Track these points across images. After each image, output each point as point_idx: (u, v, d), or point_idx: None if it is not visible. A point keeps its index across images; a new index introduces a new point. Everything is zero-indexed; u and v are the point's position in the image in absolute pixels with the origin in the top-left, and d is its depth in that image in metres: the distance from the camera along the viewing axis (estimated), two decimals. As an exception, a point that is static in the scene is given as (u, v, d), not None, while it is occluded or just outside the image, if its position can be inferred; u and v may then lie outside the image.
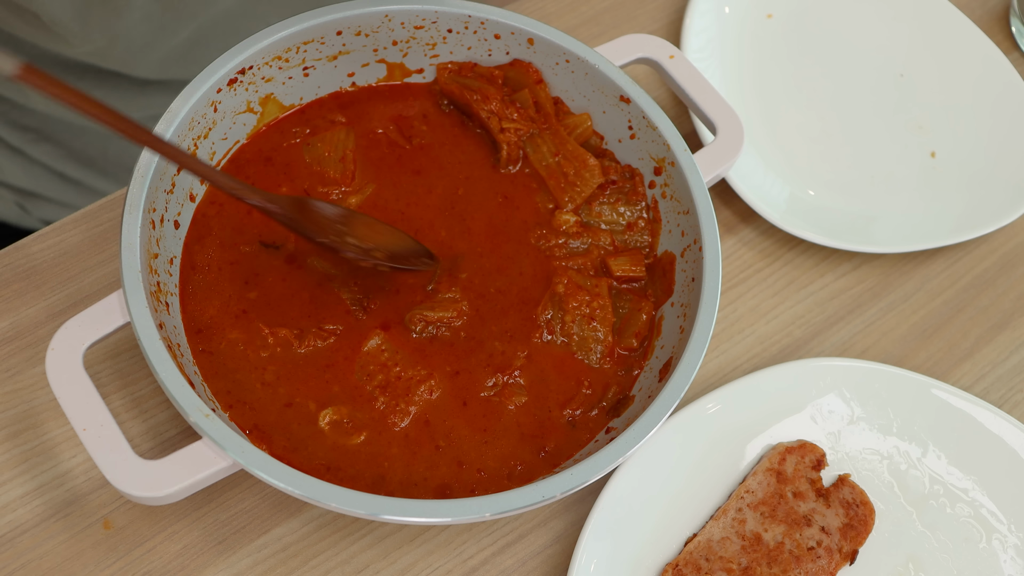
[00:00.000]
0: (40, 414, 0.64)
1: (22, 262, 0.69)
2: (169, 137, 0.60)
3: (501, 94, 0.70)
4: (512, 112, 0.70)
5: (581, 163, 0.69)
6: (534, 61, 0.71)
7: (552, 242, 0.67)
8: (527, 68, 0.71)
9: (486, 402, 0.62)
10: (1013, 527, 0.68)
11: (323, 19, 0.66)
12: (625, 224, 0.69)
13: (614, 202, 0.69)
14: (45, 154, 0.90)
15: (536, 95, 0.71)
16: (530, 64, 0.71)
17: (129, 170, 0.60)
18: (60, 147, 0.90)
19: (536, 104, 0.71)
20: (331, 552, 0.63)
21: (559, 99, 0.72)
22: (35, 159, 0.90)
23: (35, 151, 0.90)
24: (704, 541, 0.63)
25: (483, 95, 0.70)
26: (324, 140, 0.68)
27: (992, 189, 0.82)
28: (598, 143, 0.72)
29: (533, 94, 0.71)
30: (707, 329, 0.60)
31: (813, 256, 0.79)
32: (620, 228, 0.69)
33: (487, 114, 0.70)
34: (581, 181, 0.69)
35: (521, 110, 0.70)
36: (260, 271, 0.64)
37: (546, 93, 0.71)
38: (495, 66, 0.72)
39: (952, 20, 0.90)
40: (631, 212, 0.69)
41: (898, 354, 0.76)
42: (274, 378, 0.61)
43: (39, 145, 0.90)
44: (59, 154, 0.91)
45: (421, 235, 0.67)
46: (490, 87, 0.71)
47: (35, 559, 0.61)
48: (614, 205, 0.69)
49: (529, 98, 0.71)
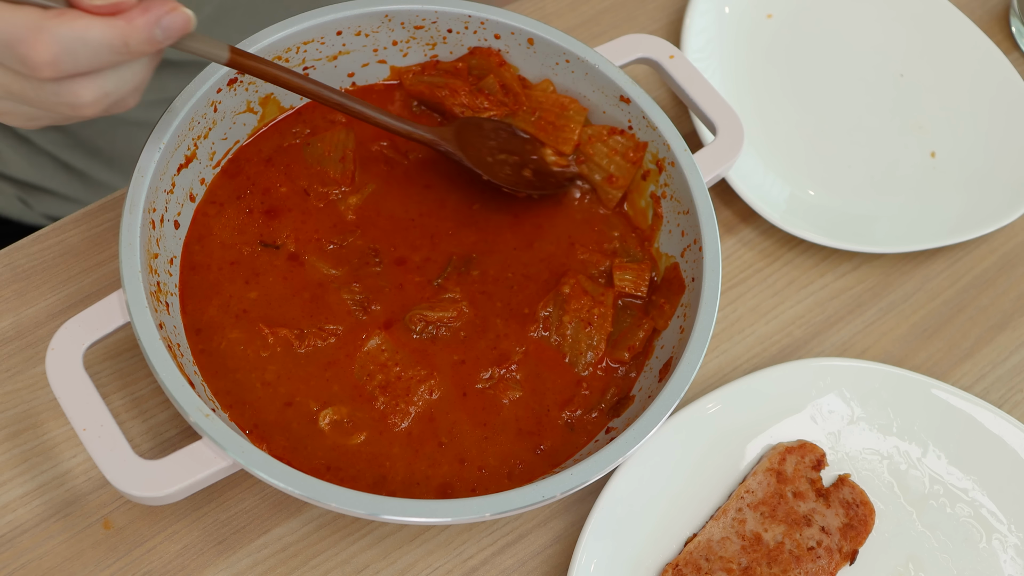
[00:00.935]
0: (40, 414, 0.64)
1: (22, 262, 0.69)
2: (169, 137, 0.61)
3: (468, 85, 0.71)
4: (483, 101, 0.70)
5: (561, 108, 0.70)
6: (532, 61, 0.71)
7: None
8: (487, 53, 0.71)
9: (482, 394, 0.62)
10: (1013, 527, 0.68)
11: (323, 19, 0.66)
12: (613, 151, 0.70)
13: (606, 137, 0.70)
14: (51, 142, 0.90)
15: (501, 77, 0.71)
16: (488, 48, 0.71)
17: (133, 161, 0.60)
18: (67, 135, 0.90)
19: (503, 87, 0.71)
20: (331, 552, 0.63)
21: (523, 78, 0.72)
22: (41, 148, 0.91)
23: (41, 139, 0.90)
24: (704, 541, 0.63)
25: (451, 90, 0.70)
26: (324, 140, 0.68)
27: (992, 189, 0.82)
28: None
29: (499, 77, 0.71)
30: (707, 329, 0.60)
31: (813, 256, 0.79)
32: (604, 156, 0.69)
33: (460, 108, 0.70)
34: (567, 120, 0.70)
35: (491, 96, 0.70)
36: (260, 271, 0.64)
37: (510, 73, 0.71)
38: (456, 58, 0.72)
39: (952, 20, 0.90)
40: (622, 140, 0.69)
41: (898, 354, 0.76)
42: (275, 378, 0.61)
43: (46, 133, 0.90)
44: (65, 143, 0.91)
45: (437, 239, 0.67)
46: (456, 80, 0.71)
47: (35, 559, 0.61)
48: (606, 140, 0.70)
49: (495, 83, 0.71)
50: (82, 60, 0.46)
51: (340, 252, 0.65)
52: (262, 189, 0.67)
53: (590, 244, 0.68)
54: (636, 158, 0.69)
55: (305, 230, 0.66)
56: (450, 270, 0.65)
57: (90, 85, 0.48)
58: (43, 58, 0.45)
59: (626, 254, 0.69)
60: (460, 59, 0.71)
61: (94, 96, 0.48)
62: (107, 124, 0.90)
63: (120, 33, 0.46)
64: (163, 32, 0.47)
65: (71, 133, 0.90)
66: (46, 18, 0.45)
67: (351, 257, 0.65)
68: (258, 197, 0.67)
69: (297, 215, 0.66)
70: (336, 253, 0.65)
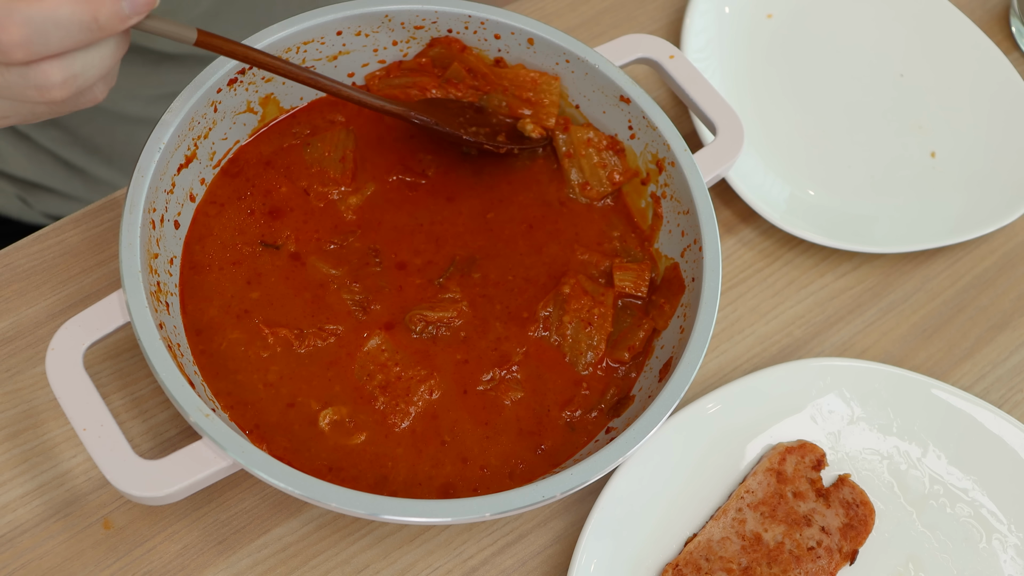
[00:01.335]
0: (40, 414, 0.64)
1: (22, 262, 0.69)
2: (169, 137, 0.61)
3: (436, 79, 0.71)
4: (452, 90, 0.70)
5: (532, 82, 0.70)
6: (533, 61, 0.71)
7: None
8: (447, 41, 0.70)
9: (483, 395, 0.62)
10: (1013, 527, 0.68)
11: (323, 19, 0.66)
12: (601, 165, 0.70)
13: (602, 148, 0.70)
14: (52, 140, 0.90)
15: (466, 63, 0.71)
16: (447, 37, 0.70)
17: (133, 158, 0.60)
18: (67, 133, 0.90)
19: (470, 71, 0.71)
20: (331, 552, 0.63)
21: (500, 59, 0.72)
22: (41, 145, 0.91)
23: (42, 137, 0.90)
24: (704, 541, 0.63)
25: (420, 87, 0.70)
26: (324, 140, 0.68)
27: (992, 189, 0.82)
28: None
29: (463, 63, 0.71)
30: (707, 329, 0.60)
31: (813, 256, 0.79)
32: (590, 165, 0.70)
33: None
34: (542, 94, 0.70)
35: (459, 84, 0.70)
36: (261, 271, 0.64)
37: (475, 56, 0.71)
38: (416, 55, 0.71)
39: (952, 20, 0.90)
40: (615, 161, 0.70)
41: (898, 354, 0.76)
42: (277, 379, 0.61)
43: (46, 131, 0.90)
44: (66, 140, 0.91)
45: (441, 241, 0.67)
46: (423, 76, 0.71)
47: (35, 559, 0.61)
48: (600, 151, 0.70)
49: (461, 69, 0.71)
50: (53, 40, 0.47)
51: (340, 252, 0.65)
52: (263, 191, 0.67)
53: (590, 244, 0.68)
54: (619, 181, 0.69)
55: (306, 230, 0.66)
56: (452, 270, 0.66)
57: (58, 65, 0.48)
58: (14, 39, 0.46)
59: (626, 254, 0.69)
60: (421, 54, 0.71)
61: (63, 77, 0.49)
62: (106, 121, 0.90)
63: (89, 9, 0.46)
64: (131, 6, 0.48)
65: (71, 130, 0.90)
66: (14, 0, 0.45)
67: (351, 257, 0.65)
68: (259, 199, 0.67)
69: (298, 215, 0.66)
70: (336, 253, 0.65)
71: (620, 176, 0.69)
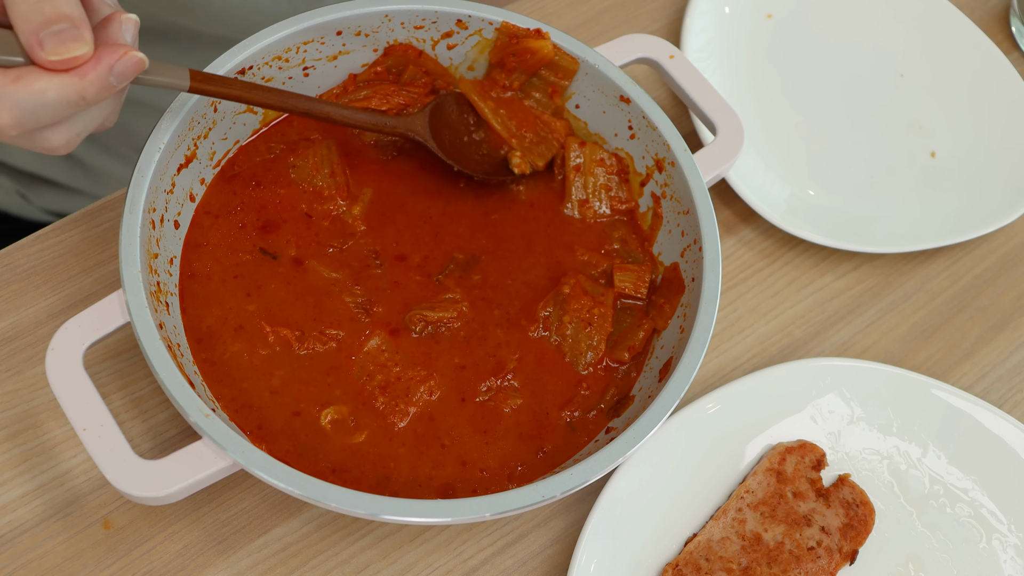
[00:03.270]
0: (40, 414, 0.64)
1: (22, 262, 0.69)
2: (169, 137, 0.61)
3: (396, 86, 0.70)
4: (414, 92, 0.70)
5: (547, 127, 0.71)
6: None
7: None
8: (403, 49, 0.70)
9: (482, 406, 0.62)
10: (1013, 527, 0.68)
11: (323, 19, 0.66)
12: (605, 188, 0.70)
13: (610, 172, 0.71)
14: None
15: (422, 65, 0.71)
16: (400, 43, 0.70)
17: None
18: None
19: (426, 72, 0.71)
20: (331, 552, 0.63)
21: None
22: None
23: None
24: (704, 541, 0.63)
25: (381, 96, 0.69)
26: (307, 159, 0.67)
27: (992, 189, 0.82)
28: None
29: (419, 66, 0.71)
30: (707, 329, 0.60)
31: (813, 256, 0.79)
32: (594, 184, 0.70)
33: (398, 109, 0.70)
34: (547, 140, 0.70)
35: (418, 85, 0.70)
36: (263, 278, 0.64)
37: (429, 59, 0.71)
38: (371, 63, 0.71)
39: (952, 20, 0.90)
40: (618, 189, 0.70)
41: (898, 354, 0.76)
42: (280, 384, 0.60)
43: None
44: None
45: (442, 239, 0.67)
46: (383, 85, 0.70)
47: (35, 559, 0.61)
48: (608, 174, 0.70)
49: (417, 71, 0.70)
50: (44, 118, 0.48)
51: (340, 255, 0.65)
52: (258, 206, 0.66)
53: (591, 245, 0.68)
54: (618, 209, 0.70)
55: (307, 235, 0.66)
56: (452, 267, 0.65)
57: (59, 131, 0.50)
58: (5, 122, 0.47)
59: (627, 255, 0.69)
60: (375, 63, 0.71)
61: (66, 139, 0.51)
62: None
63: (76, 89, 0.48)
64: (117, 78, 0.49)
65: None
66: (3, 84, 0.47)
67: (352, 260, 0.65)
68: (254, 213, 0.66)
69: (299, 225, 0.66)
70: (336, 256, 0.65)
71: (623, 204, 0.70)
